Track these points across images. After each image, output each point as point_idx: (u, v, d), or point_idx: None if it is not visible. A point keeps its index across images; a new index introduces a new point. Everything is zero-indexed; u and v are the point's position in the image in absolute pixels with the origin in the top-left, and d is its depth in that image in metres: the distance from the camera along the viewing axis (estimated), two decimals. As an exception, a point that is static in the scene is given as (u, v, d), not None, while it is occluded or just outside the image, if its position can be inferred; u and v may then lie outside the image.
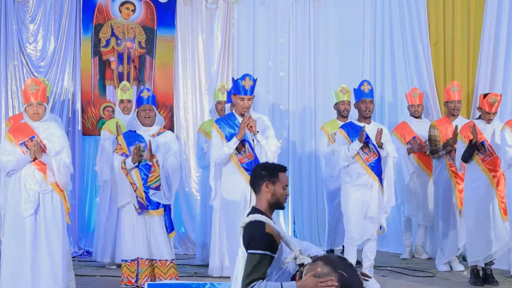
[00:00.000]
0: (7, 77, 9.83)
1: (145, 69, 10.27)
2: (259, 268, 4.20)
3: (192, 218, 10.17)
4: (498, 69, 9.59)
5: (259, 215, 4.38)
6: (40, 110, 6.64)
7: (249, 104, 6.89)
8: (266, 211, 4.49)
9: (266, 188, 4.53)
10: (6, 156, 6.58)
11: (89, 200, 10.02)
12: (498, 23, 9.65)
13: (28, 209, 6.52)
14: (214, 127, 6.98)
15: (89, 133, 10.02)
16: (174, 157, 7.49)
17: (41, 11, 9.97)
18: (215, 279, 7.92)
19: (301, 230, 10.63)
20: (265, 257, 4.23)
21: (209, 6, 10.46)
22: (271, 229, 4.31)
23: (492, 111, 7.80)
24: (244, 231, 4.38)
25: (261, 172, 4.57)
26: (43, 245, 6.56)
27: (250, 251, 4.25)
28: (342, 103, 9.09)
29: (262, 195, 4.54)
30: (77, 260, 9.16)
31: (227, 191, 6.93)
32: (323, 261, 4.24)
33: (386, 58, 10.54)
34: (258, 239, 4.26)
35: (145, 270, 7.31)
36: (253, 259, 4.22)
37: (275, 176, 4.54)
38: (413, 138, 9.26)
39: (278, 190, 4.53)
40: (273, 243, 4.27)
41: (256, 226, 4.33)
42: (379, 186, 7.64)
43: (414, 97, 9.39)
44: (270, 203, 4.53)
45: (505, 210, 7.53)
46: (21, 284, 6.51)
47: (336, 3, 10.73)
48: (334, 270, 4.19)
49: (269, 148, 6.83)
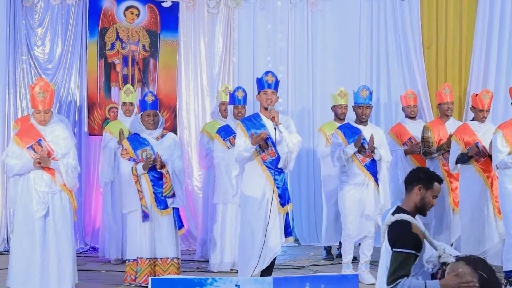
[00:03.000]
0: (16, 79, 9.81)
1: (149, 71, 10.24)
2: (405, 266, 4.23)
3: (195, 215, 10.13)
4: (490, 72, 9.58)
5: (405, 215, 4.39)
6: (47, 117, 6.60)
7: (274, 98, 6.76)
8: (411, 211, 4.49)
9: (419, 191, 4.52)
10: (14, 160, 6.53)
11: (94, 198, 9.97)
12: (490, 27, 9.64)
13: (40, 210, 6.48)
14: (239, 126, 6.85)
15: (94, 133, 9.99)
16: (179, 159, 7.46)
17: (49, 16, 9.94)
18: (216, 274, 7.87)
19: (299, 226, 10.60)
20: (411, 255, 4.25)
21: (211, 10, 10.42)
22: (417, 229, 4.33)
23: (485, 108, 7.75)
24: (390, 229, 4.38)
25: (420, 175, 4.57)
26: (52, 245, 6.51)
27: (396, 249, 4.28)
28: (340, 106, 9.02)
29: (412, 196, 4.54)
30: (83, 256, 9.15)
31: (248, 188, 6.80)
32: (465, 261, 4.28)
33: (381, 61, 10.51)
34: (404, 238, 4.28)
35: (145, 269, 7.26)
36: (399, 257, 4.25)
37: (431, 183, 4.54)
38: (409, 139, 9.19)
39: (428, 197, 4.53)
40: (419, 242, 4.29)
41: (402, 226, 4.34)
42: (374, 186, 7.63)
43: (409, 98, 9.33)
44: (417, 206, 4.53)
45: (499, 209, 7.49)
46: (30, 284, 6.46)
47: (333, 8, 10.71)
48: (474, 270, 4.22)
49: (291, 140, 6.71)
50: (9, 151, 6.63)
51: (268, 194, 6.69)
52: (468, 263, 4.25)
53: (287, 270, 8.35)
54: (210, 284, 5.98)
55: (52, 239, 6.52)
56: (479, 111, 7.76)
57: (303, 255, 9.39)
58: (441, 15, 10.08)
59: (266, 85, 6.75)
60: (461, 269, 4.22)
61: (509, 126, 7.12)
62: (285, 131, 6.71)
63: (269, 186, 6.69)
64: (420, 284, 4.22)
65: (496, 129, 7.22)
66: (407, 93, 9.38)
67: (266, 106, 6.75)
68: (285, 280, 6.10)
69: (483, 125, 7.76)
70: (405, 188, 4.61)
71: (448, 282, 4.21)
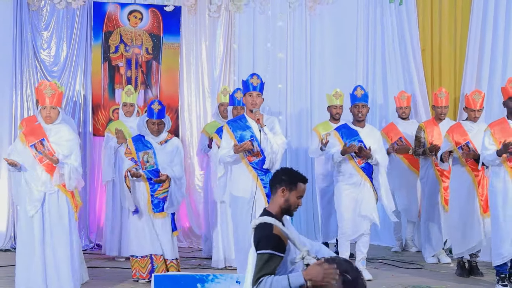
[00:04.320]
0: (22, 81, 9.88)
1: (152, 73, 10.28)
2: (268, 266, 4.16)
3: (196, 213, 10.17)
4: (483, 73, 9.59)
5: (268, 217, 4.32)
6: (52, 114, 6.56)
7: (258, 101, 6.76)
8: (276, 214, 4.40)
9: (282, 193, 4.39)
10: (14, 156, 6.51)
11: (99, 196, 10.02)
12: (483, 30, 9.64)
13: (32, 209, 6.44)
14: (225, 128, 6.89)
15: (99, 134, 10.03)
16: (180, 166, 7.48)
17: (54, 20, 10.00)
18: (218, 270, 7.92)
19: (297, 224, 10.63)
20: (273, 256, 4.18)
21: (212, 15, 10.46)
22: (279, 231, 4.26)
23: (476, 108, 7.77)
24: (255, 232, 4.33)
25: (282, 176, 4.43)
26: (49, 244, 6.49)
27: (259, 251, 4.21)
28: (334, 107, 9.04)
29: (276, 198, 4.42)
30: (88, 253, 9.19)
31: (235, 188, 6.84)
32: (329, 262, 4.18)
33: (377, 63, 10.54)
34: (266, 239, 4.21)
35: (161, 265, 7.30)
36: (262, 258, 4.19)
37: (294, 184, 4.40)
38: (400, 138, 9.25)
39: (292, 198, 4.39)
40: (281, 243, 4.22)
41: (265, 228, 4.27)
42: (370, 186, 7.66)
43: (402, 100, 9.38)
44: (281, 208, 4.41)
45: (484, 208, 7.56)
46: (33, 280, 6.47)
47: (330, 12, 10.74)
48: (339, 271, 4.12)
49: (275, 141, 6.73)
50: (13, 147, 6.65)
51: (255, 193, 6.72)
52: (331, 263, 4.15)
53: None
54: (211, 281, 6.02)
55: (48, 239, 6.49)
56: (471, 110, 7.79)
57: (300, 252, 9.42)
58: (436, 18, 10.09)
59: (251, 88, 6.76)
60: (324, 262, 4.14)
61: (499, 125, 7.13)
62: (270, 133, 6.71)
63: (256, 185, 6.73)
64: (282, 278, 4.11)
65: (486, 127, 7.24)
66: (400, 94, 9.43)
67: (251, 108, 6.76)
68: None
69: (476, 125, 7.77)
70: (270, 190, 4.49)
71: (310, 271, 4.10)
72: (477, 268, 7.82)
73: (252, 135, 6.73)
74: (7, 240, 9.63)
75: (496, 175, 7.03)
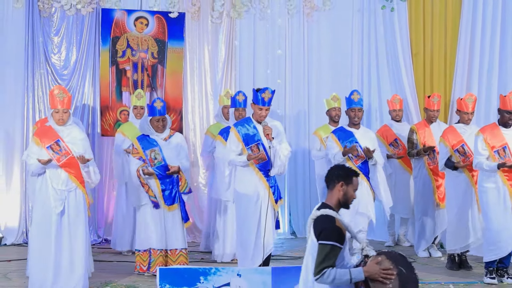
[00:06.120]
0: (34, 84, 9.95)
1: (157, 77, 10.34)
2: (330, 257, 4.24)
3: (199, 210, 10.25)
4: (473, 77, 9.67)
5: (329, 210, 4.41)
6: (65, 117, 6.65)
7: (266, 113, 6.91)
8: (335, 207, 4.50)
9: (340, 187, 4.50)
10: (32, 159, 6.56)
11: (107, 194, 10.10)
12: (472, 36, 9.73)
13: (58, 206, 6.50)
14: (233, 131, 6.97)
15: (107, 134, 10.10)
16: (186, 159, 7.58)
17: (64, 25, 10.07)
18: (219, 264, 7.99)
19: (296, 220, 10.70)
20: (335, 247, 4.26)
21: (214, 21, 10.51)
22: (340, 224, 4.36)
23: (469, 111, 7.79)
24: (315, 223, 4.40)
25: (339, 172, 4.56)
26: (66, 239, 6.54)
27: (322, 242, 4.28)
28: (334, 109, 9.10)
29: (335, 193, 4.52)
30: (96, 247, 9.24)
31: (241, 186, 6.93)
32: (386, 255, 4.31)
33: (372, 67, 10.58)
34: (330, 231, 4.28)
35: (157, 259, 7.37)
36: (324, 249, 4.25)
37: (350, 179, 4.52)
38: (395, 140, 9.31)
39: (350, 192, 4.51)
40: (341, 235, 4.31)
41: (327, 220, 4.35)
42: (367, 185, 7.74)
43: (395, 103, 9.45)
44: (340, 201, 4.51)
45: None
46: (46, 277, 6.50)
47: (327, 18, 10.75)
48: (395, 265, 4.26)
49: (282, 153, 6.86)
50: (29, 151, 6.69)
51: (262, 193, 6.81)
52: (389, 257, 4.29)
53: (285, 261, 8.46)
54: (213, 274, 6.14)
55: (66, 233, 6.53)
56: (464, 113, 7.79)
57: (300, 246, 9.42)
58: (427, 24, 10.17)
59: (261, 103, 6.86)
60: (382, 260, 4.28)
61: (490, 130, 7.19)
62: (278, 145, 6.86)
63: (262, 185, 6.83)
64: (345, 272, 4.23)
65: (478, 132, 7.28)
66: (393, 98, 9.50)
67: (259, 121, 6.91)
68: (283, 270, 6.27)
69: (468, 127, 7.80)
70: (326, 186, 4.61)
71: (369, 268, 4.23)
72: (466, 262, 7.90)
73: (258, 139, 6.85)
74: (19, 235, 9.69)
75: (487, 176, 7.11)
